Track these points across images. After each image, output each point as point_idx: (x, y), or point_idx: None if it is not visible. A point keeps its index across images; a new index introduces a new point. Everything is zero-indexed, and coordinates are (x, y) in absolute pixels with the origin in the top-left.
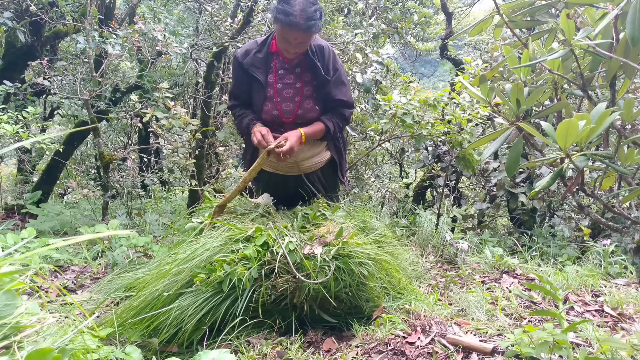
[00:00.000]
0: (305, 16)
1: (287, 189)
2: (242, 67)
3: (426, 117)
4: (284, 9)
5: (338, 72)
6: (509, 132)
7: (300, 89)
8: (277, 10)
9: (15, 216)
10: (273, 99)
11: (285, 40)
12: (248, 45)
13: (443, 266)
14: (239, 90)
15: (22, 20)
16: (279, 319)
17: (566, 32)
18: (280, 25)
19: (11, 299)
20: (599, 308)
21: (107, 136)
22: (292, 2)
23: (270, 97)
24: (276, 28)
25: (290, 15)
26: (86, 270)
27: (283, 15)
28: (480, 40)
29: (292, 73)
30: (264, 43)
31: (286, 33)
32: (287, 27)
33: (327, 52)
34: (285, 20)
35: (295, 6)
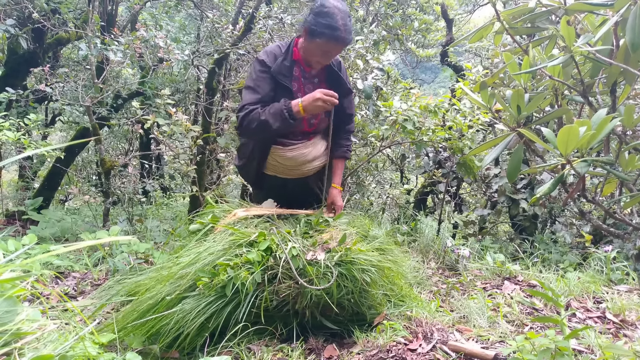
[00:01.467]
0: (348, 30)
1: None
2: (269, 72)
3: (427, 124)
4: (329, 24)
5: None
6: (509, 139)
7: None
8: (320, 24)
9: (16, 222)
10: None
11: (325, 53)
12: (273, 49)
13: (444, 272)
14: (264, 94)
15: (25, 27)
16: (280, 325)
17: (566, 38)
18: (324, 40)
19: (12, 306)
20: (601, 315)
21: (109, 143)
22: (335, 17)
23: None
24: (313, 41)
25: (336, 30)
26: (87, 277)
27: (329, 30)
28: (480, 47)
29: (311, 83)
30: (287, 50)
31: (329, 47)
32: (333, 41)
33: (343, 66)
34: (332, 34)
35: (338, 21)
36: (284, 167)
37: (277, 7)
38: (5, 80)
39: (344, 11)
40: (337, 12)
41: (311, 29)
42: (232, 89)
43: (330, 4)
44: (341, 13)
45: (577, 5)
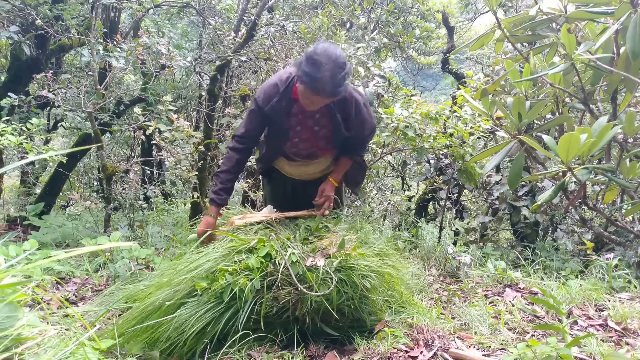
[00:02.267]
0: (333, 83)
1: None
2: (262, 112)
3: (428, 130)
4: (311, 74)
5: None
6: (510, 146)
7: (317, 132)
8: (304, 72)
9: (17, 228)
10: (292, 140)
11: (308, 99)
12: (269, 89)
13: (445, 279)
14: (251, 134)
15: (28, 33)
16: (280, 331)
17: (567, 46)
18: (304, 88)
19: (13, 311)
20: (602, 322)
21: (110, 148)
22: (321, 67)
23: (290, 139)
24: (299, 86)
25: (317, 81)
26: (88, 283)
27: (311, 80)
28: (481, 54)
29: (311, 118)
30: (285, 88)
31: (310, 95)
32: (314, 92)
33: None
34: (311, 85)
35: (324, 72)
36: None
37: (279, 15)
38: (8, 86)
39: (335, 61)
40: (326, 61)
41: (298, 73)
42: (233, 95)
43: (322, 50)
44: (330, 63)
45: (577, 14)
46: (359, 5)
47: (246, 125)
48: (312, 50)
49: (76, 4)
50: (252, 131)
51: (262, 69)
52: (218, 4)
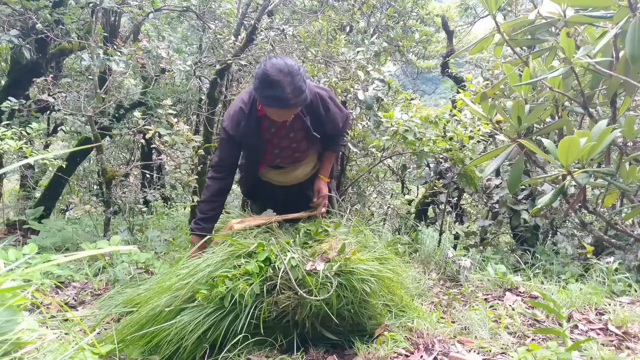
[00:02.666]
0: (298, 93)
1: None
2: (234, 140)
3: (428, 134)
4: (274, 95)
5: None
6: (510, 149)
7: (294, 137)
8: (265, 96)
9: (17, 232)
10: (272, 153)
11: (283, 115)
12: (235, 115)
13: (445, 283)
14: (226, 162)
15: (28, 37)
16: (280, 336)
17: (566, 50)
18: (272, 109)
19: (13, 315)
20: (603, 326)
21: (110, 152)
22: (280, 84)
23: (268, 152)
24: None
25: (283, 100)
26: (87, 287)
27: (276, 101)
28: (481, 58)
29: (284, 128)
30: (250, 109)
31: (284, 112)
32: (284, 108)
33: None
34: (277, 104)
35: (285, 88)
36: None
37: (279, 19)
38: (8, 90)
39: (289, 72)
40: (282, 77)
41: (260, 98)
42: (233, 99)
43: (274, 69)
44: (286, 77)
45: (576, 17)
46: (358, 9)
47: (220, 155)
48: (262, 72)
49: (76, 8)
50: (228, 159)
51: None
52: (218, 8)
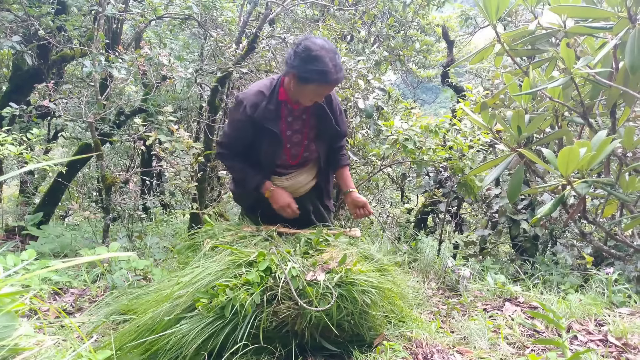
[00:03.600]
0: (338, 68)
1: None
2: (251, 120)
3: (427, 143)
4: (320, 70)
5: (341, 110)
6: (510, 159)
7: (306, 133)
8: (310, 71)
9: (16, 238)
10: (284, 145)
11: (318, 95)
12: (254, 96)
13: (445, 293)
14: (238, 142)
15: (30, 44)
16: (279, 346)
17: (566, 60)
18: (317, 85)
19: (11, 321)
20: (603, 337)
21: (110, 159)
22: (324, 60)
23: (280, 143)
24: (305, 87)
25: (328, 74)
26: (85, 293)
27: (321, 76)
28: (481, 68)
29: (299, 119)
30: (272, 92)
31: (322, 89)
32: (326, 84)
33: (333, 97)
34: (324, 79)
35: (328, 63)
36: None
37: (280, 27)
38: (9, 95)
39: (331, 50)
40: (325, 53)
41: (301, 76)
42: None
43: (316, 46)
44: (329, 54)
45: (576, 28)
46: (359, 18)
47: (231, 134)
48: (304, 48)
49: (79, 15)
50: (239, 141)
51: None
52: (220, 17)
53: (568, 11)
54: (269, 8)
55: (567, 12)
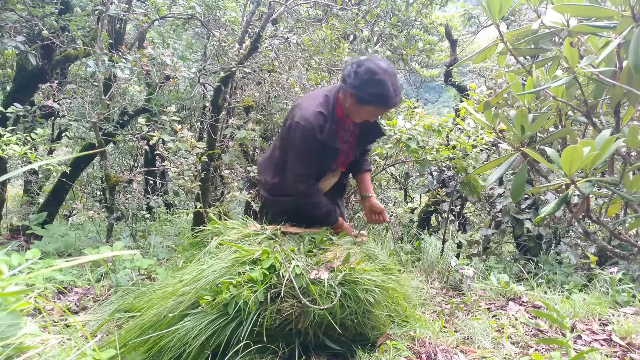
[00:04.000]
0: (398, 92)
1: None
2: (321, 143)
3: (431, 143)
4: (381, 94)
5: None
6: (513, 158)
7: (353, 143)
8: (370, 94)
9: (20, 237)
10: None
11: (374, 115)
12: (317, 119)
13: (448, 292)
14: (314, 169)
15: (34, 44)
16: (282, 344)
17: (570, 59)
18: (374, 107)
19: (15, 319)
20: (607, 337)
21: (114, 158)
22: (386, 85)
23: (337, 155)
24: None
25: (389, 98)
26: (89, 292)
27: (381, 100)
28: (484, 67)
29: (348, 131)
30: (330, 111)
31: (380, 111)
32: (385, 108)
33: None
34: (384, 103)
35: (389, 88)
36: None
37: (283, 27)
38: (13, 95)
39: (393, 74)
40: (387, 78)
41: (360, 97)
42: (237, 106)
43: (380, 69)
44: (391, 78)
45: (580, 27)
46: (362, 18)
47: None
48: (367, 70)
49: (82, 15)
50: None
51: (265, 80)
52: (223, 16)
53: (571, 10)
54: (272, 8)
55: (571, 11)
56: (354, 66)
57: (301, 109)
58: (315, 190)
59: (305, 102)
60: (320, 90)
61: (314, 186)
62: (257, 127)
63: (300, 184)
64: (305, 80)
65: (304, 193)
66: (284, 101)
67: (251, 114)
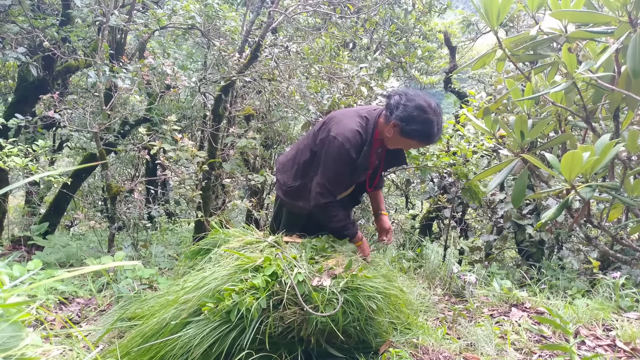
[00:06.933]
0: (440, 131)
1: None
2: (354, 163)
3: (431, 149)
4: (426, 132)
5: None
6: (514, 164)
7: (381, 166)
8: (415, 131)
9: (21, 248)
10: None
11: (410, 147)
12: (354, 138)
13: (451, 299)
14: (344, 187)
15: (35, 55)
16: (285, 352)
17: (568, 65)
18: (416, 142)
19: (17, 331)
20: (611, 342)
21: (115, 168)
22: (432, 124)
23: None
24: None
25: (432, 137)
26: (91, 303)
27: (425, 137)
28: (483, 74)
29: (376, 153)
30: (368, 134)
31: (419, 146)
32: (425, 144)
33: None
34: (427, 140)
35: (434, 127)
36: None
37: (283, 36)
38: (15, 106)
39: (440, 113)
40: (435, 118)
41: (405, 131)
42: (238, 115)
43: (430, 109)
44: (437, 117)
45: (578, 33)
46: (361, 26)
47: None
48: (418, 106)
49: (83, 26)
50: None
51: (266, 89)
52: (223, 26)
53: (569, 16)
54: (272, 17)
55: (568, 17)
56: (402, 98)
57: (340, 124)
58: (333, 207)
59: (345, 119)
60: (358, 108)
61: (333, 204)
62: (257, 135)
63: (322, 197)
64: (305, 89)
65: (323, 207)
66: (284, 109)
67: (252, 122)
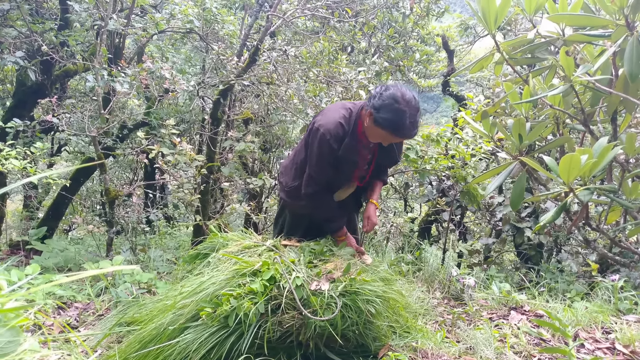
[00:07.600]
0: (413, 127)
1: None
2: (335, 154)
3: (430, 152)
4: (395, 122)
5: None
6: (512, 167)
7: (372, 161)
8: (385, 119)
9: (20, 252)
10: (356, 171)
11: (385, 140)
12: (336, 130)
13: (450, 302)
14: (326, 176)
15: (34, 59)
16: (283, 356)
17: (566, 68)
18: (387, 132)
19: (15, 336)
20: (610, 345)
21: (113, 172)
22: (403, 116)
23: (354, 170)
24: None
25: (402, 128)
26: (89, 307)
27: (394, 128)
28: (481, 77)
29: (367, 149)
30: (351, 126)
31: (391, 138)
32: (396, 136)
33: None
34: (396, 131)
35: (406, 120)
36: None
37: (281, 40)
38: (13, 111)
39: (415, 107)
40: (407, 109)
41: (376, 119)
42: (236, 119)
43: (402, 99)
44: (411, 110)
45: (575, 36)
46: (359, 30)
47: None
48: (391, 96)
49: (82, 30)
50: (326, 175)
51: (264, 93)
52: (221, 30)
53: (566, 20)
54: (270, 21)
55: (566, 20)
56: (382, 88)
57: (324, 116)
58: (320, 196)
59: (330, 111)
60: (347, 102)
61: (319, 192)
62: (256, 139)
63: (307, 187)
64: (304, 92)
65: (309, 195)
66: (282, 113)
67: (250, 126)
